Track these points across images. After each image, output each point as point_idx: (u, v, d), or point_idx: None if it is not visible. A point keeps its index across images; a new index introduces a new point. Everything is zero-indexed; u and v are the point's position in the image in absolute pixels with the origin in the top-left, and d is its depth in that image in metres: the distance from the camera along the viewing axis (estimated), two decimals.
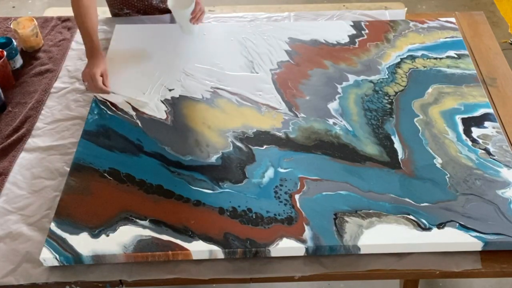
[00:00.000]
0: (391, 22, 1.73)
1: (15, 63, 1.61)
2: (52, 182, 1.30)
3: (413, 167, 1.28)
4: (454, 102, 1.45)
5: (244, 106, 1.45)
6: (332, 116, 1.41)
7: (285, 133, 1.37)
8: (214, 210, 1.20)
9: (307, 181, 1.25)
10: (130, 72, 1.56)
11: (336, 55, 1.61)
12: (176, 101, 1.47)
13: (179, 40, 1.67)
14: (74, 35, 1.73)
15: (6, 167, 1.34)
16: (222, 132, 1.38)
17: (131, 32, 1.70)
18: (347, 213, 1.19)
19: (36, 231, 1.21)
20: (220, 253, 1.14)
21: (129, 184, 1.26)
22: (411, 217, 1.18)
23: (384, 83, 1.50)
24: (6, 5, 3.19)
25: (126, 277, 1.14)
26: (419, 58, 1.58)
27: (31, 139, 1.41)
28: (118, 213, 1.20)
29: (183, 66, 1.58)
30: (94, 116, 1.42)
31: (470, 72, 1.54)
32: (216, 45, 1.65)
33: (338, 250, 1.14)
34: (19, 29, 1.65)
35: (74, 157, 1.32)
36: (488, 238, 1.14)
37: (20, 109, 1.49)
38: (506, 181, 1.25)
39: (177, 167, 1.29)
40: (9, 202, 1.27)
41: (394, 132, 1.37)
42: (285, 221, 1.18)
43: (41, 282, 1.13)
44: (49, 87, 1.56)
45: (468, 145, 1.33)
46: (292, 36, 1.68)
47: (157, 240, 1.15)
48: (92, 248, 1.13)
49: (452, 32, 1.68)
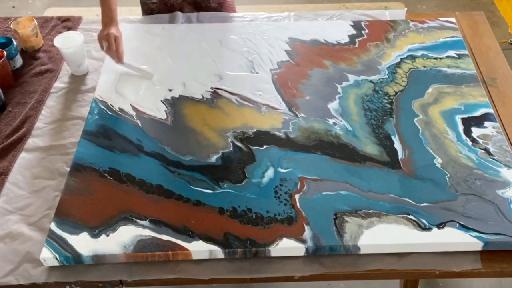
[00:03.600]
0: (391, 22, 1.73)
1: (15, 63, 1.61)
2: (52, 182, 1.30)
3: (413, 167, 1.28)
4: (454, 102, 1.45)
5: (244, 106, 1.45)
6: (332, 116, 1.41)
7: (285, 133, 1.37)
8: (214, 210, 1.20)
9: (307, 181, 1.25)
10: (130, 72, 1.56)
11: (336, 55, 1.61)
12: (176, 101, 1.47)
13: (179, 40, 1.67)
14: None
15: (6, 167, 1.34)
16: (222, 132, 1.38)
17: (131, 32, 1.70)
18: (347, 213, 1.19)
19: (36, 231, 1.21)
20: (220, 253, 1.14)
21: (129, 184, 1.26)
22: (411, 217, 1.18)
23: (384, 83, 1.50)
24: (6, 5, 3.19)
25: (126, 277, 1.14)
26: (419, 58, 1.58)
27: (31, 139, 1.41)
28: (118, 213, 1.20)
29: (183, 66, 1.58)
30: (94, 116, 1.42)
31: (470, 72, 1.54)
32: (216, 45, 1.65)
33: (338, 250, 1.14)
34: (19, 29, 1.65)
35: (74, 157, 1.32)
36: (488, 238, 1.14)
37: (20, 109, 1.49)
38: (506, 181, 1.25)
39: (177, 167, 1.29)
40: (9, 202, 1.27)
41: (394, 132, 1.37)
42: (285, 221, 1.18)
43: (41, 282, 1.13)
44: (49, 87, 1.56)
45: (468, 145, 1.33)
46: (292, 36, 1.68)
47: (157, 240, 1.15)
48: (92, 248, 1.13)
49: (452, 32, 1.68)
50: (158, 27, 1.73)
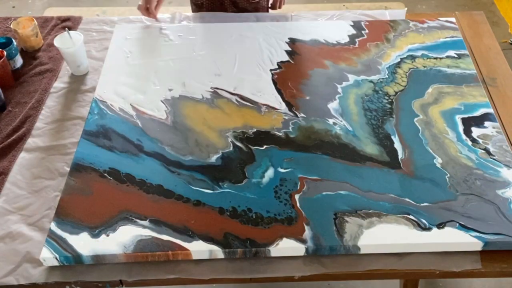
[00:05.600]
0: (391, 22, 1.73)
1: (15, 63, 1.61)
2: (52, 182, 1.30)
3: (413, 167, 1.28)
4: (454, 102, 1.45)
5: (244, 106, 1.45)
6: (332, 116, 1.41)
7: (285, 133, 1.37)
8: (214, 210, 1.20)
9: (307, 181, 1.25)
10: (130, 72, 1.56)
11: (336, 55, 1.61)
12: (176, 101, 1.47)
13: (179, 40, 1.67)
14: None
15: (6, 167, 1.34)
16: (222, 132, 1.38)
17: (131, 32, 1.71)
18: (347, 213, 1.19)
19: (36, 231, 1.21)
20: (220, 253, 1.14)
21: (129, 184, 1.26)
22: (411, 217, 1.18)
23: (384, 83, 1.50)
24: (6, 5, 3.19)
25: (126, 277, 1.14)
26: (419, 58, 1.58)
27: (31, 139, 1.41)
28: (118, 213, 1.20)
29: (183, 66, 1.58)
30: (94, 116, 1.42)
31: (470, 72, 1.54)
32: (216, 45, 1.65)
33: (338, 250, 1.14)
34: (19, 29, 1.65)
35: (74, 157, 1.32)
36: (488, 238, 1.14)
37: (20, 109, 1.49)
38: (506, 181, 1.25)
39: (177, 167, 1.29)
40: (9, 202, 1.27)
41: (394, 132, 1.37)
42: (285, 221, 1.18)
43: (41, 282, 1.13)
44: (49, 87, 1.56)
45: (468, 145, 1.33)
46: (292, 36, 1.68)
47: (157, 240, 1.15)
48: (92, 248, 1.13)
49: (452, 32, 1.68)
50: (157, 27, 1.73)
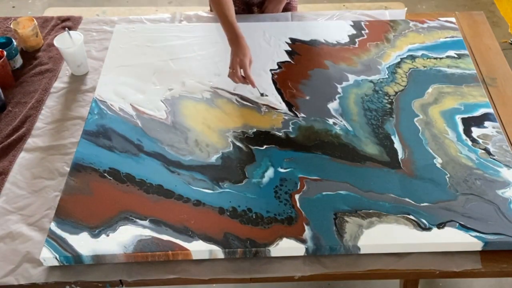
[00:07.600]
0: (391, 22, 1.73)
1: (15, 63, 1.61)
2: (52, 182, 1.30)
3: (413, 167, 1.28)
4: (454, 102, 1.45)
5: (244, 106, 1.45)
6: (332, 116, 1.41)
7: (285, 133, 1.37)
8: (214, 210, 1.20)
9: (307, 181, 1.25)
10: (130, 72, 1.56)
11: (336, 55, 1.61)
12: (176, 101, 1.47)
13: (179, 40, 1.67)
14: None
15: (6, 167, 1.34)
16: (222, 132, 1.38)
17: (131, 32, 1.70)
18: (347, 213, 1.19)
19: (36, 231, 1.21)
20: (220, 253, 1.14)
21: (129, 184, 1.26)
22: (411, 217, 1.18)
23: (384, 83, 1.50)
24: (6, 5, 3.19)
25: (126, 277, 1.14)
26: (419, 58, 1.58)
27: (31, 139, 1.41)
28: (118, 213, 1.20)
29: (183, 66, 1.58)
30: (94, 116, 1.42)
31: (470, 72, 1.54)
32: (216, 45, 1.65)
33: (338, 250, 1.14)
34: (19, 29, 1.65)
35: (74, 157, 1.32)
36: (488, 238, 1.14)
37: (20, 109, 1.49)
38: (506, 181, 1.25)
39: (177, 167, 1.29)
40: (9, 202, 1.27)
41: (394, 132, 1.37)
42: (285, 221, 1.18)
43: (41, 282, 1.13)
44: (49, 87, 1.56)
45: (468, 145, 1.33)
46: (292, 36, 1.68)
47: (157, 240, 1.15)
48: (92, 248, 1.13)
49: (452, 32, 1.68)
50: (157, 27, 1.73)
